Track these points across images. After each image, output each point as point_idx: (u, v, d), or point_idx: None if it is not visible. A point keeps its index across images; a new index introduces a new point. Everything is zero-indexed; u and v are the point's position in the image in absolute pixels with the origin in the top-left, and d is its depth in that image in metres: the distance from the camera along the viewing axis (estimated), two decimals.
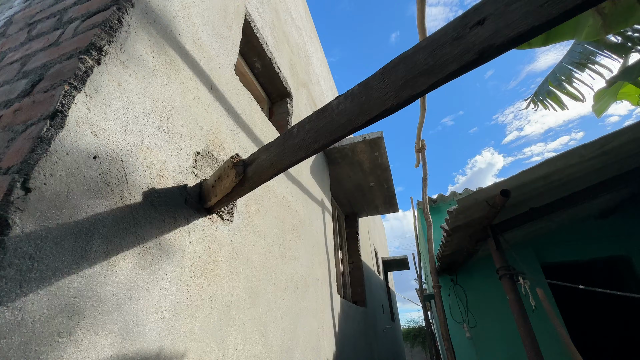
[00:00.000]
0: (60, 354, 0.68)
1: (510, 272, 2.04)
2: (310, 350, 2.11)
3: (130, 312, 0.86)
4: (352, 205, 5.15)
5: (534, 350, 1.83)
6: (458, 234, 2.52)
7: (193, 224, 1.20)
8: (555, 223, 3.66)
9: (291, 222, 2.22)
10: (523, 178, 1.87)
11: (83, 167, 0.82)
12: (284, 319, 1.80)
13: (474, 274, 4.30)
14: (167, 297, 1.00)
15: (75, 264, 0.75)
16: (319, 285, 2.55)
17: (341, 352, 2.80)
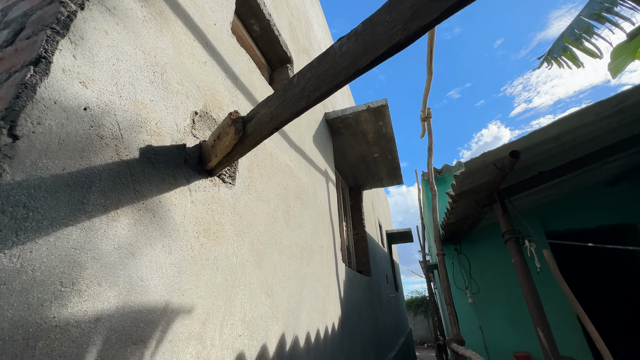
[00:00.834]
0: (64, 302, 0.68)
1: (516, 236, 2.03)
2: (317, 313, 2.17)
3: (133, 266, 0.86)
4: (355, 177, 5.11)
5: (537, 309, 1.85)
6: (464, 200, 2.49)
7: (194, 185, 1.17)
8: (563, 190, 3.61)
9: (295, 190, 2.20)
10: (534, 139, 1.80)
11: (74, 118, 0.78)
12: (289, 282, 1.83)
13: (478, 243, 4.33)
14: (171, 255, 1.00)
15: (72, 216, 0.73)
16: (323, 253, 2.57)
17: (346, 316, 2.88)
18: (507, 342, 3.75)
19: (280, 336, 1.60)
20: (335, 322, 2.53)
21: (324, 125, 3.54)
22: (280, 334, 1.60)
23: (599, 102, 1.70)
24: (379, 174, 5.06)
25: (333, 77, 0.82)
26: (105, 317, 0.76)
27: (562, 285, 1.61)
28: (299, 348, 1.79)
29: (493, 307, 3.99)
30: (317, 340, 2.07)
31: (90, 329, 0.72)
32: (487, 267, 4.18)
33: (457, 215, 2.93)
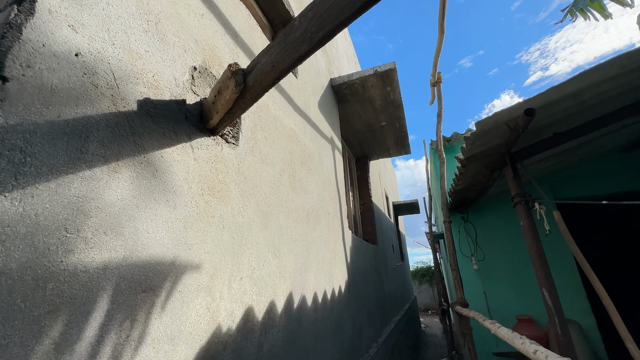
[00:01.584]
0: (71, 248, 0.69)
1: (525, 199, 1.99)
2: (323, 276, 2.22)
3: (138, 218, 0.86)
4: (362, 147, 5.04)
5: (544, 270, 1.85)
6: (473, 165, 2.43)
7: (196, 142, 1.15)
8: (576, 157, 3.49)
9: (300, 155, 2.17)
10: (551, 95, 1.70)
11: (65, 63, 0.74)
12: (296, 244, 1.85)
13: (485, 211, 4.31)
14: (176, 210, 1.00)
15: (72, 165, 0.72)
16: (330, 219, 2.59)
17: (353, 281, 2.96)
18: (510, 306, 3.83)
19: (288, 294, 1.65)
20: (342, 285, 2.60)
21: (329, 92, 3.43)
22: (288, 293, 1.65)
23: (626, 54, 1.58)
24: (386, 143, 4.97)
25: (337, 13, 0.75)
26: (114, 265, 0.77)
27: (572, 246, 1.59)
28: (306, 307, 1.84)
29: (498, 273, 4.04)
30: (324, 301, 2.13)
31: (99, 275, 0.73)
32: (493, 235, 4.19)
33: (466, 181, 2.88)
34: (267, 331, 1.39)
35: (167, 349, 0.87)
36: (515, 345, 1.42)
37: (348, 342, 2.49)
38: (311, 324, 1.86)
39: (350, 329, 2.60)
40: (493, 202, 4.27)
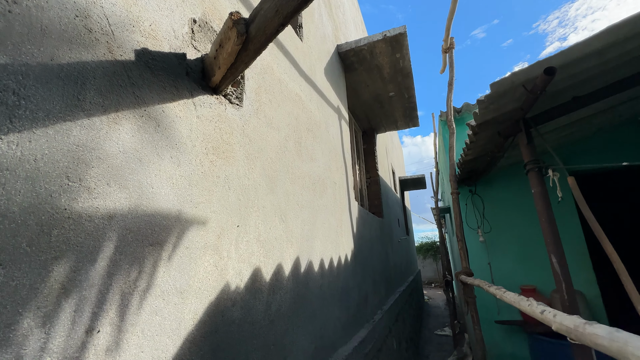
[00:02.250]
0: (74, 196, 0.67)
1: (539, 165, 1.92)
2: (330, 244, 2.23)
3: (142, 172, 0.84)
4: (369, 119, 4.92)
5: (553, 237, 1.83)
6: (485, 133, 2.35)
7: (198, 100, 1.11)
8: (592, 126, 3.36)
9: (306, 122, 2.12)
10: (573, 53, 1.59)
11: (54, 2, 0.69)
12: (303, 211, 1.84)
13: (494, 184, 4.24)
14: (180, 167, 0.97)
15: (69, 112, 0.69)
16: (336, 189, 2.57)
17: (359, 250, 2.99)
18: (514, 277, 3.87)
19: (295, 259, 1.67)
20: (348, 254, 2.63)
21: (336, 59, 3.29)
22: (295, 257, 1.66)
23: None
24: (394, 115, 4.84)
25: None
26: (119, 216, 0.76)
27: (585, 211, 1.55)
28: (313, 272, 1.87)
29: (503, 245, 4.05)
30: (330, 267, 2.16)
31: (104, 225, 0.72)
32: (500, 207, 4.15)
33: (476, 151, 2.81)
34: (275, 292, 1.41)
35: (176, 301, 0.89)
36: (521, 307, 1.42)
37: (354, 308, 2.55)
38: (318, 288, 1.90)
39: (356, 295, 2.66)
40: (502, 174, 4.19)
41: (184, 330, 0.90)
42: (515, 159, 3.67)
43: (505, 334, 3.80)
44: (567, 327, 0.95)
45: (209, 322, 1.00)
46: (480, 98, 1.84)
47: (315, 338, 1.75)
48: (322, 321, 1.87)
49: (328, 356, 1.89)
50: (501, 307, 3.83)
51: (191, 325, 0.92)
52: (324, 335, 1.88)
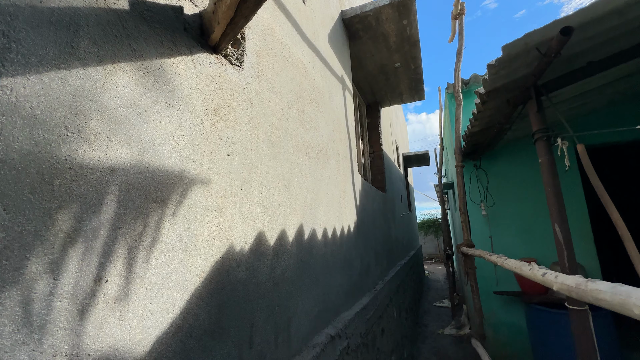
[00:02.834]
0: (73, 147, 0.66)
1: (548, 134, 1.88)
2: (333, 214, 2.25)
3: (142, 128, 0.82)
4: (374, 92, 4.80)
5: (558, 206, 1.82)
6: (494, 102, 2.28)
7: (198, 57, 1.07)
8: (603, 97, 3.24)
9: (309, 90, 2.06)
10: (592, 11, 1.50)
11: None
12: (306, 180, 1.84)
13: (499, 158, 4.19)
14: (181, 126, 0.95)
15: (64, 59, 0.66)
16: (340, 160, 2.55)
17: (361, 222, 3.01)
18: (515, 250, 3.91)
19: (299, 226, 1.68)
20: (350, 225, 2.65)
21: (340, 26, 3.15)
22: (298, 224, 1.67)
23: None
24: (400, 88, 4.71)
25: None
26: (121, 170, 0.75)
27: (592, 178, 1.52)
28: (316, 239, 1.89)
29: (505, 219, 4.06)
30: (333, 236, 2.19)
31: (106, 178, 0.72)
32: (504, 181, 4.12)
33: (483, 121, 2.74)
34: (279, 256, 1.43)
35: (182, 258, 0.90)
36: (523, 272, 1.44)
37: (356, 277, 2.61)
38: (321, 256, 1.93)
39: (358, 265, 2.71)
40: (507, 148, 4.13)
41: (190, 286, 0.92)
42: (522, 132, 3.60)
43: (502, 304, 3.90)
44: (568, 286, 0.96)
45: (215, 280, 1.02)
46: (491, 62, 1.76)
47: (319, 302, 1.81)
48: (325, 287, 1.92)
49: (331, 319, 1.95)
50: (500, 278, 3.91)
51: (197, 282, 0.94)
52: (327, 300, 1.93)
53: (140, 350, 0.75)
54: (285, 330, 1.41)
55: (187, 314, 0.89)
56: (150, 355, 0.77)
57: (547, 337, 3.17)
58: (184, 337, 0.87)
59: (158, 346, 0.79)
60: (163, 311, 0.82)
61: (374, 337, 2.68)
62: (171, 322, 0.84)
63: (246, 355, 1.12)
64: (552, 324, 3.13)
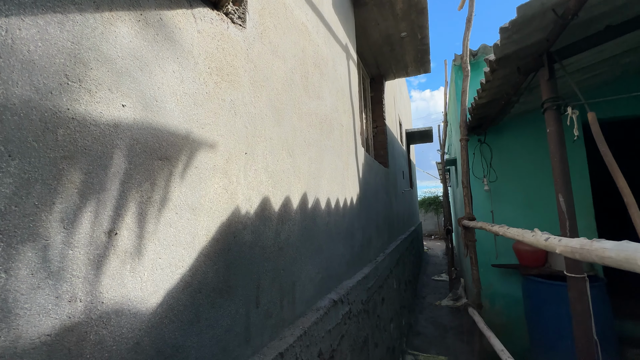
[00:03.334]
0: (75, 97, 0.64)
1: (558, 103, 1.83)
2: (336, 185, 2.25)
3: (144, 83, 0.80)
4: (378, 64, 4.65)
5: (563, 176, 1.80)
6: (503, 70, 2.21)
7: (198, 12, 1.02)
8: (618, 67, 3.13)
9: (313, 56, 1.99)
10: None
11: None
12: (310, 149, 1.82)
13: (504, 133, 4.14)
14: (183, 83, 0.93)
15: (59, 2, 0.63)
16: (343, 131, 2.51)
17: (364, 195, 3.03)
18: (515, 225, 3.93)
19: (303, 194, 1.68)
20: (353, 197, 2.66)
21: None
22: (302, 193, 1.68)
23: None
24: (405, 59, 4.56)
25: None
26: (124, 125, 0.74)
27: (601, 146, 1.50)
28: (320, 209, 1.90)
29: (507, 194, 4.07)
30: (336, 207, 2.20)
31: (110, 132, 0.70)
32: (508, 156, 4.09)
33: (491, 92, 2.67)
34: (283, 222, 1.45)
35: (189, 217, 0.90)
36: (525, 239, 1.45)
37: (358, 248, 2.66)
38: (324, 225, 1.95)
39: (360, 237, 2.75)
40: (513, 123, 4.06)
41: (198, 245, 0.93)
42: (529, 105, 3.51)
43: (500, 276, 4.00)
44: (572, 247, 0.97)
45: (222, 241, 1.03)
46: (504, 26, 1.68)
47: (322, 269, 1.85)
48: (328, 255, 1.96)
49: (333, 286, 2.01)
50: (499, 252, 3.98)
51: (205, 241, 0.96)
52: (330, 268, 1.97)
53: (152, 302, 0.77)
54: (290, 293, 1.45)
55: (196, 271, 0.91)
56: (162, 307, 0.79)
57: (541, 306, 3.27)
58: (193, 293, 0.90)
59: (169, 299, 0.82)
60: (172, 267, 0.83)
61: (374, 305, 2.78)
62: (180, 278, 0.86)
63: (253, 313, 1.16)
64: (547, 295, 3.22)
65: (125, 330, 0.70)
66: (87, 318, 0.63)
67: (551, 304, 3.18)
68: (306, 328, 1.43)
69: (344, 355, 1.90)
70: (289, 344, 1.27)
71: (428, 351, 4.44)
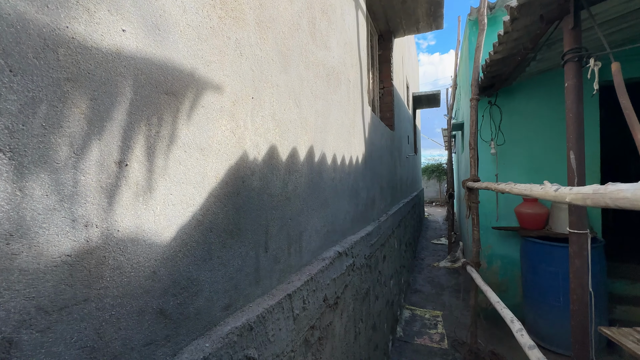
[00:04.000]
0: (74, 15, 0.59)
1: (579, 54, 1.72)
2: (342, 142, 2.21)
3: (144, 8, 0.74)
4: (388, 19, 4.37)
5: (577, 133, 1.76)
6: (524, 20, 2.06)
7: None
8: None
9: (320, 1, 1.85)
10: None
11: None
12: (317, 101, 1.76)
13: (516, 95, 3.99)
14: (186, 14, 0.86)
15: None
16: (350, 87, 2.42)
17: (369, 155, 3.00)
18: None
19: (309, 147, 1.66)
20: (359, 156, 2.64)
21: None
22: (309, 145, 1.65)
23: None
24: (417, 13, 4.26)
25: None
26: (127, 52, 0.70)
27: (622, 99, 1.43)
28: (326, 164, 1.89)
29: (513, 158, 4.03)
30: (342, 164, 2.19)
31: (113, 58, 0.67)
32: (518, 119, 3.98)
33: (508, 47, 2.52)
34: (291, 173, 1.44)
35: (197, 156, 0.89)
36: (533, 192, 1.45)
37: (362, 207, 2.69)
38: (330, 180, 1.95)
39: (364, 196, 2.77)
40: (526, 85, 3.90)
41: (207, 186, 0.93)
42: (545, 64, 3.34)
43: (500, 238, 4.09)
44: (584, 193, 0.96)
45: (231, 184, 1.03)
46: None
47: (327, 223, 1.88)
48: (333, 210, 1.98)
49: (338, 240, 2.06)
50: (500, 215, 4.03)
51: (214, 183, 0.95)
52: (335, 222, 2.01)
53: (165, 236, 0.78)
54: (297, 242, 1.48)
55: (207, 211, 0.92)
56: (175, 241, 0.81)
57: (537, 266, 3.37)
58: (205, 231, 0.91)
59: (182, 235, 0.83)
60: (183, 204, 0.84)
61: (376, 261, 2.87)
62: (192, 216, 0.87)
63: (262, 257, 1.20)
64: (544, 255, 3.30)
65: (142, 260, 0.72)
66: (104, 243, 0.64)
67: (547, 263, 3.27)
68: (312, 274, 1.49)
69: (347, 303, 2.00)
70: (296, 287, 1.33)
71: (425, 307, 4.68)
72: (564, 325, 3.06)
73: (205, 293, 0.91)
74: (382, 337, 3.02)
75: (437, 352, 3.47)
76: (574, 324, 1.75)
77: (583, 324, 1.73)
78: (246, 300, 1.10)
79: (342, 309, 1.91)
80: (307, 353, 1.43)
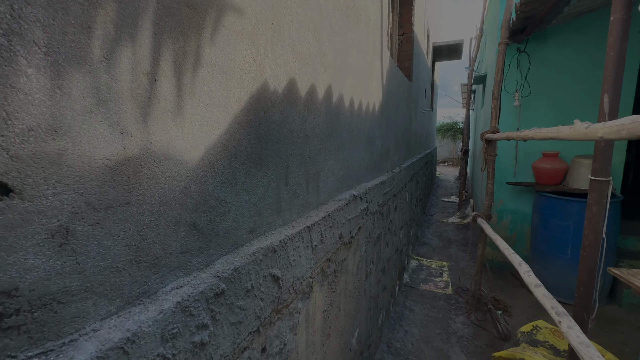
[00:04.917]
0: None
1: None
2: (360, 86, 2.13)
3: None
4: None
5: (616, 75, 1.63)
6: None
7: None
8: None
9: None
10: None
11: None
12: (335, 38, 1.67)
13: (548, 41, 3.67)
14: None
15: None
16: (370, 27, 2.27)
17: (386, 104, 2.90)
18: (539, 143, 3.82)
19: (328, 87, 1.61)
20: (376, 103, 2.56)
21: None
22: (327, 85, 1.60)
23: None
24: None
25: None
26: None
27: None
28: (344, 106, 1.85)
29: (537, 111, 3.84)
30: (359, 109, 2.14)
31: None
32: (548, 69, 3.72)
33: None
34: (309, 111, 1.42)
35: (220, 79, 0.88)
36: (561, 134, 1.40)
37: (377, 156, 2.68)
38: (347, 124, 1.92)
39: (379, 145, 2.74)
40: (560, 30, 3.57)
41: (231, 110, 0.93)
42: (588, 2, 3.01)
43: (513, 194, 4.07)
44: (620, 124, 0.92)
45: (253, 113, 1.03)
46: None
47: (343, 167, 1.89)
48: (349, 154, 1.98)
49: (353, 185, 2.09)
50: (518, 170, 3.96)
51: (237, 109, 0.95)
52: (351, 167, 2.02)
53: (194, 155, 0.81)
54: (314, 180, 1.51)
55: (231, 137, 0.93)
56: (203, 161, 0.83)
57: (549, 220, 3.39)
58: (230, 156, 0.93)
59: (209, 156, 0.85)
60: (209, 126, 0.85)
61: (388, 210, 2.94)
62: (217, 139, 0.88)
63: (283, 189, 1.23)
64: (558, 209, 3.30)
65: (174, 174, 0.75)
66: (139, 153, 0.66)
67: (560, 218, 3.28)
68: (329, 212, 1.54)
69: (360, 244, 2.10)
70: (314, 221, 1.38)
71: (431, 258, 4.86)
72: (568, 276, 3.16)
73: (232, 215, 0.95)
74: (390, 281, 3.20)
75: (441, 297, 3.68)
76: (582, 267, 1.79)
77: (591, 268, 1.77)
78: (269, 228, 1.16)
79: (355, 248, 2.00)
80: (323, 282, 1.53)
